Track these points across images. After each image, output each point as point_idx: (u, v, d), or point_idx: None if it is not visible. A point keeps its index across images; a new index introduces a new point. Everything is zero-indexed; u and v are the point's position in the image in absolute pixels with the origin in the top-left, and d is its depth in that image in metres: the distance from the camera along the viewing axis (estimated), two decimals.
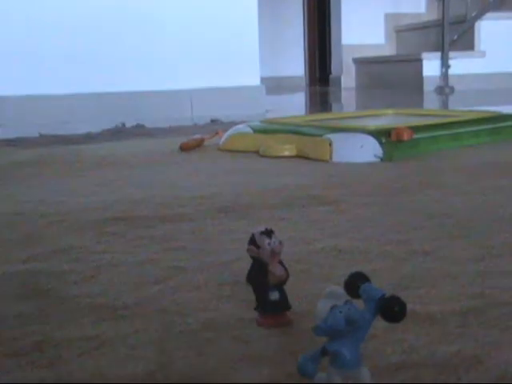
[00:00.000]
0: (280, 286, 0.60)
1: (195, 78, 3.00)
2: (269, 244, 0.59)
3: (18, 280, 0.76)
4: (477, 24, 4.31)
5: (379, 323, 0.47)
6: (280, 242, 0.60)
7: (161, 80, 2.96)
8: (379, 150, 1.52)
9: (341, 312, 0.45)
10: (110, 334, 0.60)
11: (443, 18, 4.05)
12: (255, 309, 0.61)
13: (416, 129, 1.59)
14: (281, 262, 0.60)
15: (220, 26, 3.02)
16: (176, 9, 2.96)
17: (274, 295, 0.60)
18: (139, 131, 2.33)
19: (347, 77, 5.36)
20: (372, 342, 0.54)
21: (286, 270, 0.60)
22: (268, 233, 0.59)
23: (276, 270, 0.59)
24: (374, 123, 1.75)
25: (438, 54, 4.11)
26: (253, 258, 0.60)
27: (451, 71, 4.03)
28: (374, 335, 0.52)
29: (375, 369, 0.51)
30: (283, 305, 0.61)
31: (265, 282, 0.60)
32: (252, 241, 0.60)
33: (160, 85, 2.95)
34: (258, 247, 0.59)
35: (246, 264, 0.79)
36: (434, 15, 5.28)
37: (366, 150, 1.52)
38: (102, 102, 2.85)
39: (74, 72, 2.83)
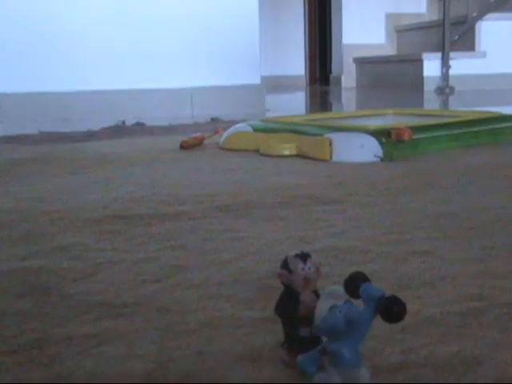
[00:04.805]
0: (313, 320, 0.50)
1: (196, 77, 3.00)
2: (302, 269, 0.51)
3: (18, 277, 0.76)
4: (477, 24, 4.32)
5: (378, 323, 0.47)
6: (317, 269, 0.52)
7: (161, 78, 2.96)
8: (379, 150, 1.52)
9: (340, 312, 0.46)
10: (109, 332, 0.60)
11: (444, 18, 4.04)
12: (282, 345, 0.53)
13: (416, 129, 1.59)
14: (316, 293, 0.52)
15: (221, 24, 3.02)
16: (176, 7, 2.96)
17: (305, 331, 0.51)
18: (139, 129, 2.33)
19: (348, 76, 5.36)
20: (371, 342, 0.54)
21: None
22: (303, 256, 0.51)
23: (308, 300, 0.51)
24: (374, 123, 1.75)
25: (439, 54, 4.11)
26: (284, 284, 0.52)
27: (451, 71, 4.03)
28: (374, 335, 0.52)
29: (374, 369, 0.51)
30: (314, 343, 0.50)
31: (295, 314, 0.51)
32: (284, 264, 0.52)
33: (160, 83, 2.95)
34: (291, 272, 0.51)
35: (245, 263, 0.79)
36: (435, 15, 5.28)
37: (366, 149, 1.52)
38: (102, 100, 2.85)
39: (73, 69, 2.83)
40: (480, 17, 4.31)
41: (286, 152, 1.62)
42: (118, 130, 2.29)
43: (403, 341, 0.56)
